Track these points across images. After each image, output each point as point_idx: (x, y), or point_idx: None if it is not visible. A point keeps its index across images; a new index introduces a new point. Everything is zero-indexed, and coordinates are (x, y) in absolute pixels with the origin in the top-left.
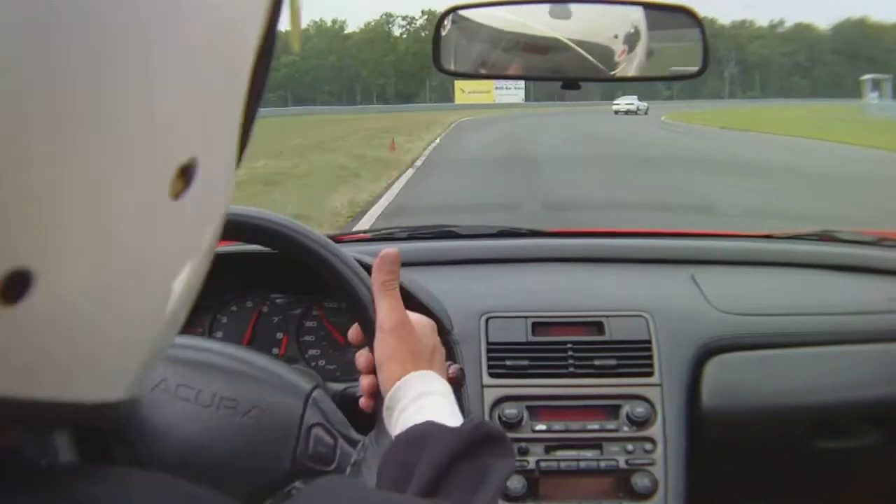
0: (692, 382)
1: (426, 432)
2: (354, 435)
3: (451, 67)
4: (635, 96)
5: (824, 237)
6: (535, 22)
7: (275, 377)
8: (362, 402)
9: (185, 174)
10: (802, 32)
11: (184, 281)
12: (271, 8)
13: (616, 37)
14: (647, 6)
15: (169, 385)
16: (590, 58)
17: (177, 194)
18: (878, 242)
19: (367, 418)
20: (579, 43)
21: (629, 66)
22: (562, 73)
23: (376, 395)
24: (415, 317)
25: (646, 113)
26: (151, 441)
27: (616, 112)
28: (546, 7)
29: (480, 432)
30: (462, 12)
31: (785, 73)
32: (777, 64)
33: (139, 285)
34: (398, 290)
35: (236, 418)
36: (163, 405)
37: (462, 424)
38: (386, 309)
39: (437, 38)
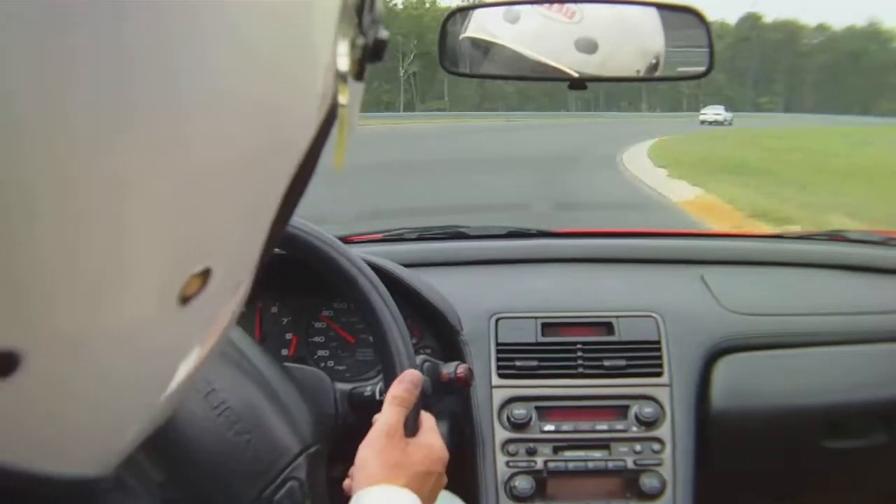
0: (701, 383)
1: None
2: None
3: (457, 68)
4: (722, 107)
5: (834, 237)
6: (562, 57)
7: (288, 409)
8: (345, 483)
9: (199, 281)
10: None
11: (188, 365)
12: (321, 126)
13: (638, 72)
14: (653, 6)
15: None
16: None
17: (187, 299)
18: (887, 242)
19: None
20: (602, 78)
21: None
22: (554, 73)
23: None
24: (426, 440)
25: (730, 123)
26: None
27: (703, 122)
28: (572, 40)
29: None
30: (479, 35)
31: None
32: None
33: (138, 372)
34: (408, 410)
35: (230, 433)
36: None
37: None
38: (386, 417)
39: (442, 39)
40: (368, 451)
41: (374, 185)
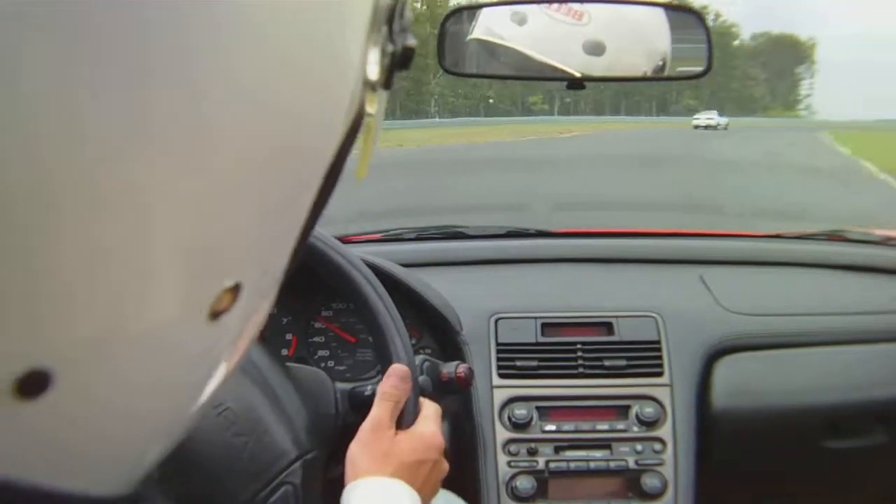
0: (702, 383)
1: None
2: None
3: (457, 68)
4: (715, 111)
5: (833, 237)
6: (570, 59)
7: (288, 413)
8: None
9: (230, 296)
10: None
11: (216, 380)
12: (347, 134)
13: (644, 73)
14: (654, 6)
15: None
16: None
17: (217, 314)
18: (886, 242)
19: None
20: (606, 78)
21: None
22: (561, 74)
23: None
24: (418, 429)
25: (725, 128)
26: None
27: (696, 127)
28: (580, 42)
29: None
30: (486, 37)
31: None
32: None
33: (166, 388)
34: (398, 405)
35: (228, 433)
36: None
37: None
38: (374, 412)
39: (442, 39)
40: (356, 447)
41: None
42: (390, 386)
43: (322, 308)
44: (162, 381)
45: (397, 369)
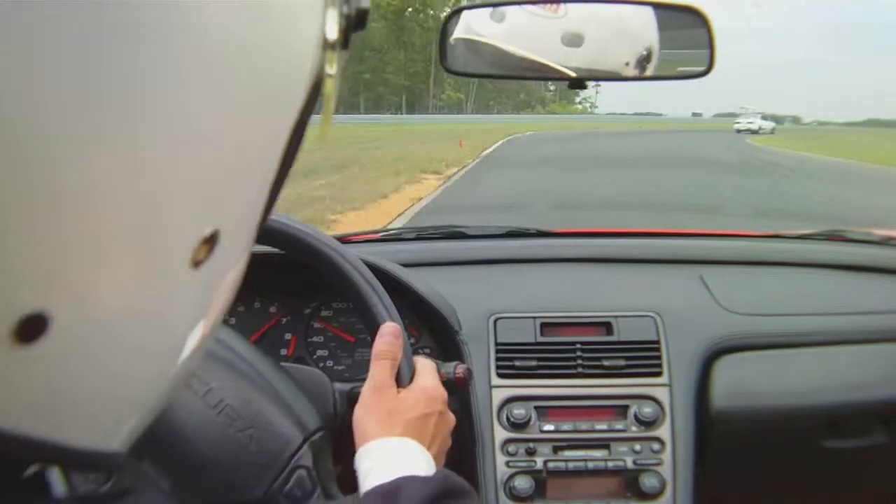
0: (701, 382)
1: (397, 487)
2: (335, 491)
3: (457, 68)
4: (759, 115)
5: (833, 237)
6: (549, 53)
7: (287, 401)
8: None
9: (208, 244)
10: None
11: (197, 336)
12: (308, 94)
13: (627, 64)
14: (655, 6)
15: None
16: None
17: (198, 263)
18: (886, 242)
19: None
20: (590, 72)
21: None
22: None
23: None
24: (418, 384)
25: (772, 132)
26: None
27: (738, 131)
28: (558, 35)
29: (450, 482)
30: (468, 36)
31: None
32: None
33: (153, 336)
34: (395, 362)
35: (231, 430)
36: None
37: (433, 474)
38: (373, 374)
39: (443, 40)
40: (360, 412)
41: None
42: (385, 343)
43: (321, 308)
44: (148, 331)
45: (388, 327)
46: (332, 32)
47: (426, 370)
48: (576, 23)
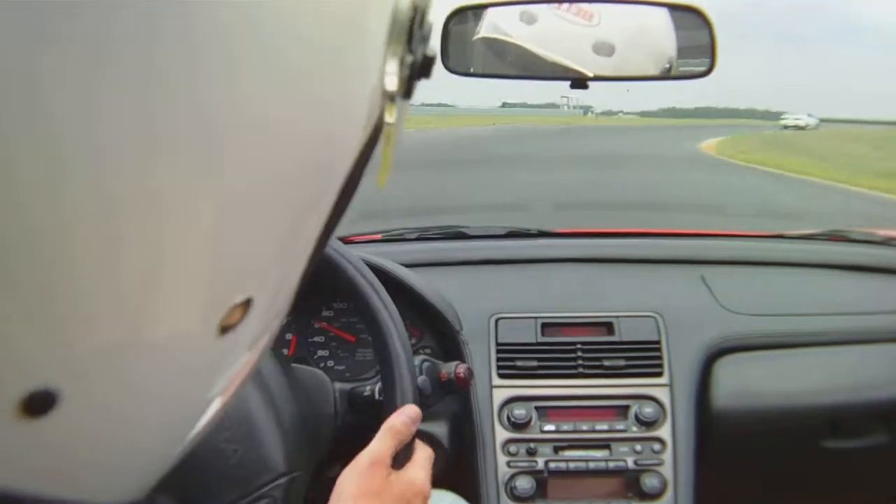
0: (701, 383)
1: None
2: None
3: (461, 68)
4: (807, 112)
5: (834, 237)
6: (579, 59)
7: (286, 428)
8: None
9: (240, 311)
10: None
11: (223, 397)
12: (365, 146)
13: (652, 74)
14: (658, 6)
15: None
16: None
17: (226, 329)
18: (887, 242)
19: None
20: (612, 77)
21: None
22: (570, 73)
23: None
24: (410, 474)
25: (816, 127)
26: None
27: (785, 127)
28: (589, 42)
29: None
30: (494, 35)
31: None
32: None
33: (174, 403)
34: (402, 444)
35: (217, 438)
36: None
37: None
38: (376, 444)
39: (445, 39)
40: (348, 474)
41: None
42: (401, 423)
43: (322, 308)
44: (169, 393)
45: (411, 409)
46: (392, 84)
47: (422, 461)
48: (607, 32)
